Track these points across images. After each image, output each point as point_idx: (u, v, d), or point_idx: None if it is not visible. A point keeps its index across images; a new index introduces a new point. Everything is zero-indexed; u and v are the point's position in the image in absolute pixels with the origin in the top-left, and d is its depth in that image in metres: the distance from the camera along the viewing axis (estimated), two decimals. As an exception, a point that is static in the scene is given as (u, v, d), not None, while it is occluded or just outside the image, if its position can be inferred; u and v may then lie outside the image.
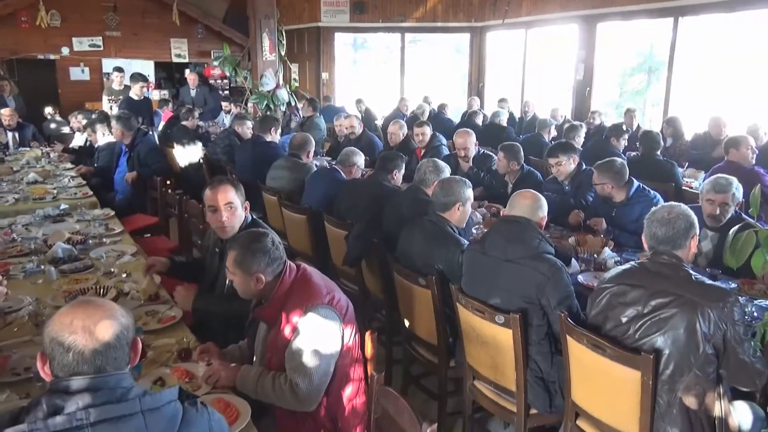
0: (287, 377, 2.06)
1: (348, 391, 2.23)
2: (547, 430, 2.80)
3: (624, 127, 6.17)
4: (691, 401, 2.10)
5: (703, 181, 4.99)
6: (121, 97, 8.13)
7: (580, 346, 2.24)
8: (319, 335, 2.06)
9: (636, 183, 3.66)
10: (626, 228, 3.53)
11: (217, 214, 2.70)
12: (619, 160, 3.75)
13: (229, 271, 2.18)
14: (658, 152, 5.17)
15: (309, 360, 2.03)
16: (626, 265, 2.33)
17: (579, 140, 6.09)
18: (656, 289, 2.12)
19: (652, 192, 3.64)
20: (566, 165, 4.16)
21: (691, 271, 2.15)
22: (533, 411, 2.58)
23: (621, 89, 10.44)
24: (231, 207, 2.71)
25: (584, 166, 4.25)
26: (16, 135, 7.46)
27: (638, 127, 7.23)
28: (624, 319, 2.18)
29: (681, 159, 5.82)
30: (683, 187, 4.96)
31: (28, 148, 7.09)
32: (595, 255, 3.22)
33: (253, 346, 2.33)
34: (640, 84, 10.18)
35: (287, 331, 2.09)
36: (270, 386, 2.07)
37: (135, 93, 7.88)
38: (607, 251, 3.23)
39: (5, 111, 7.51)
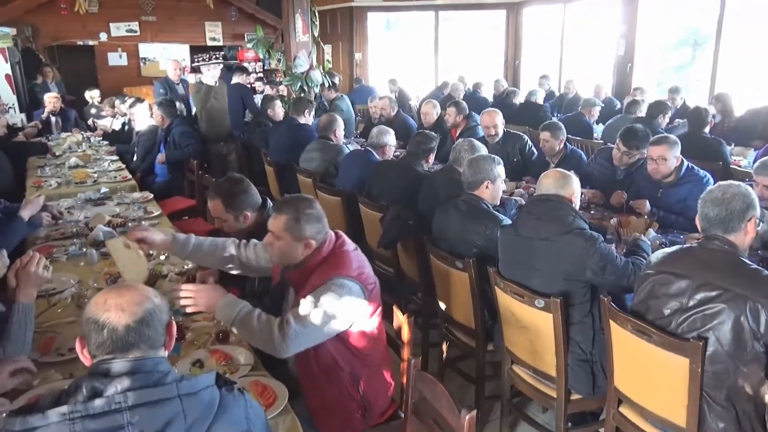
0: (281, 317, 2.03)
1: (380, 369, 2.24)
2: (588, 415, 2.75)
3: (669, 104, 5.94)
4: (739, 398, 1.99)
5: (754, 159, 4.79)
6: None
7: (623, 331, 2.16)
8: (334, 300, 2.01)
9: (686, 162, 3.48)
10: (672, 209, 3.38)
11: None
12: (672, 135, 3.57)
13: (274, 235, 2.13)
14: (706, 130, 4.96)
15: (313, 313, 1.99)
16: (673, 249, 2.18)
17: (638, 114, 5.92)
18: (703, 281, 1.96)
19: (701, 171, 3.47)
20: (640, 157, 3.79)
21: (744, 260, 1.98)
22: (574, 396, 2.53)
23: (664, 65, 10.04)
24: (220, 220, 2.72)
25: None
26: (59, 120, 7.66)
27: (683, 103, 6.95)
28: (666, 312, 2.06)
29: (729, 136, 5.57)
30: (731, 166, 4.75)
31: (69, 133, 7.27)
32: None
33: (278, 309, 2.30)
34: (685, 59, 9.77)
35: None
36: (255, 316, 2.01)
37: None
38: (652, 233, 3.12)
39: (51, 95, 7.72)
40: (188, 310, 2.08)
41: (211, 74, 6.59)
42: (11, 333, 1.98)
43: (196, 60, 10.21)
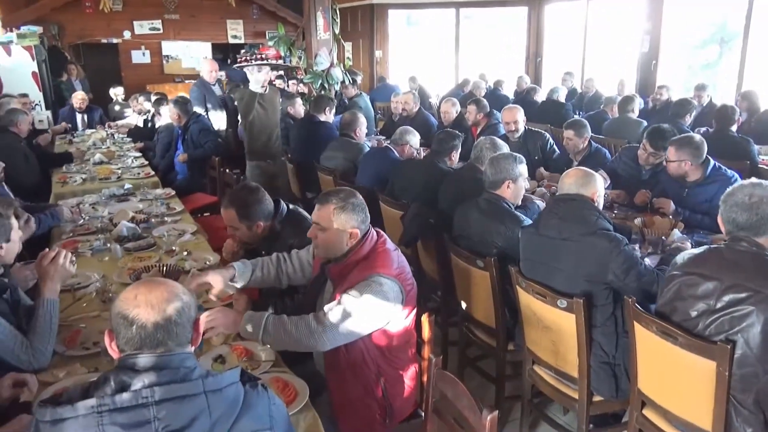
0: (317, 311, 2.01)
1: (405, 372, 2.21)
2: (610, 417, 2.71)
3: (695, 102, 5.84)
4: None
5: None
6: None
7: (648, 333, 2.13)
8: (372, 298, 2.00)
9: (712, 161, 3.41)
10: (698, 209, 3.32)
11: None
12: (697, 136, 3.50)
13: (319, 225, 2.13)
14: (733, 128, 4.86)
15: (351, 309, 1.98)
16: (699, 250, 2.14)
17: (635, 113, 5.98)
18: (731, 283, 1.92)
19: (729, 171, 3.40)
20: (661, 159, 3.71)
21: None
22: (596, 398, 2.49)
23: (690, 62, 9.86)
24: (233, 228, 2.69)
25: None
26: (85, 117, 7.81)
27: (709, 102, 6.82)
28: (693, 314, 2.01)
29: (757, 135, 5.45)
30: (759, 165, 4.65)
31: (94, 130, 7.39)
32: (664, 237, 3.05)
33: (313, 302, 2.30)
34: (712, 56, 9.59)
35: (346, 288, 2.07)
36: (286, 319, 1.99)
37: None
38: (677, 233, 3.06)
39: (79, 95, 7.88)
40: (212, 335, 2.02)
41: (255, 78, 4.99)
42: (37, 327, 2.02)
43: (239, 59, 9.74)
